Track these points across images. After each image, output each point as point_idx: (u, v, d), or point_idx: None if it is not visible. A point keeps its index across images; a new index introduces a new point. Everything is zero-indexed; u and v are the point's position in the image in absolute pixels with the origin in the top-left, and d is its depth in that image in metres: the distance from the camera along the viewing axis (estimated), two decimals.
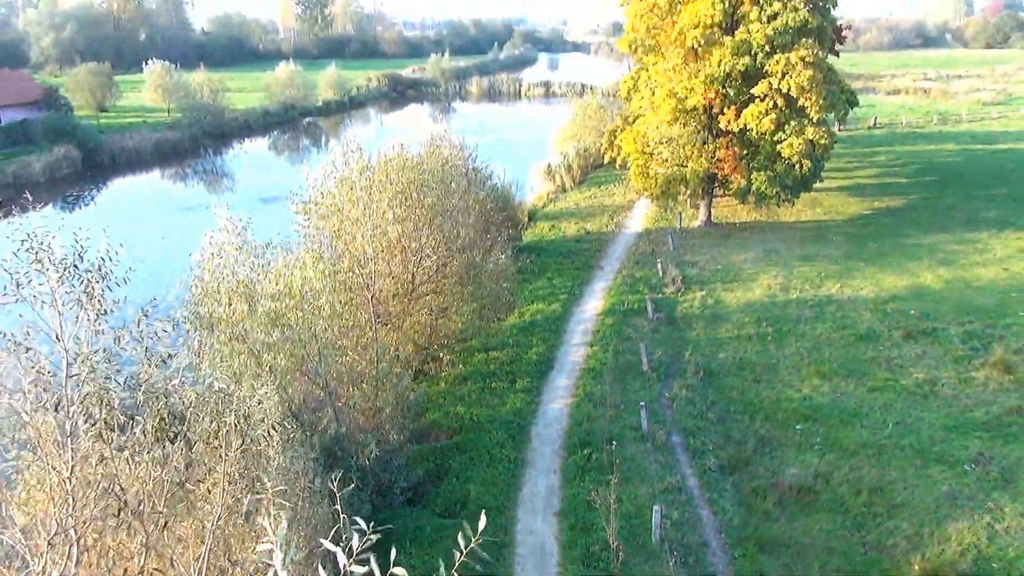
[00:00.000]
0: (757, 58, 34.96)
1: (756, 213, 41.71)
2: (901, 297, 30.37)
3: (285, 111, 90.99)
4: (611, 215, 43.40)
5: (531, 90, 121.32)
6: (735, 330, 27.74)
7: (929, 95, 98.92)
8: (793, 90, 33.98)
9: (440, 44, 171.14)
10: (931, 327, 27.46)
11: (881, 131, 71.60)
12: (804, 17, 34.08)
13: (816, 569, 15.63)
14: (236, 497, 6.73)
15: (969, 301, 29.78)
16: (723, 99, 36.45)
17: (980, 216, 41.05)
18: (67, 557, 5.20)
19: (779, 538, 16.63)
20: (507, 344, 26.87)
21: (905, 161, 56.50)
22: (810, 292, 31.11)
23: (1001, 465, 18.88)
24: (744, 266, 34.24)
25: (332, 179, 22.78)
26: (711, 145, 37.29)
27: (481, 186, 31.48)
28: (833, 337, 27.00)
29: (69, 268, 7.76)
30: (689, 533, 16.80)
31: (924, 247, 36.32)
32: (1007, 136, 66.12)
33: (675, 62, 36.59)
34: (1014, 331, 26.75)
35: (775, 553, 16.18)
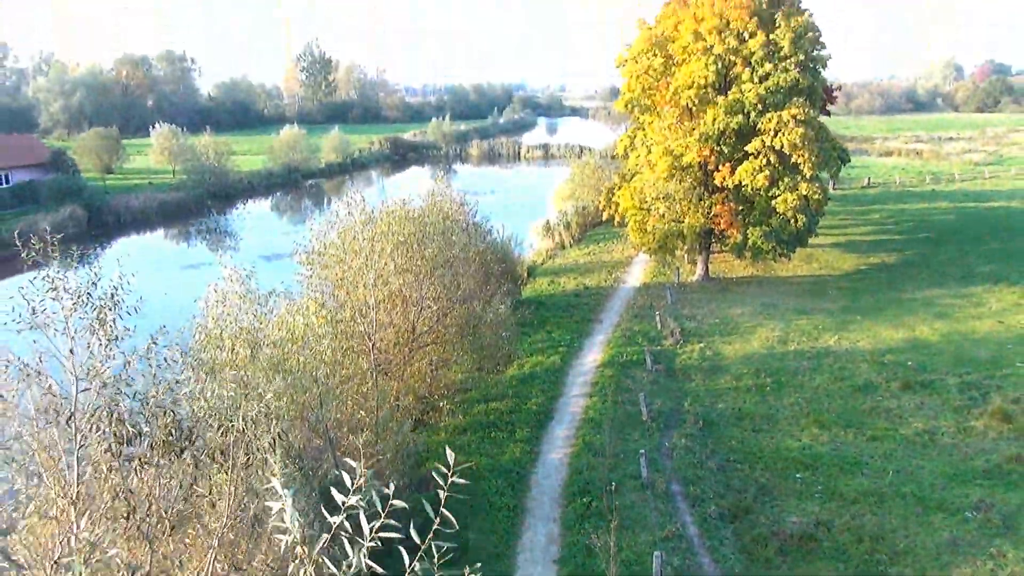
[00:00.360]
0: (750, 116, 35.93)
1: (753, 268, 42.20)
2: (898, 349, 30.56)
3: (288, 173, 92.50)
4: (610, 271, 43.87)
5: (530, 152, 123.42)
6: (734, 381, 27.85)
7: (921, 156, 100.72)
8: (786, 147, 34.83)
9: (441, 109, 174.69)
10: (929, 378, 27.58)
11: (875, 190, 72.80)
12: (794, 77, 35.17)
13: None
14: (241, 507, 6.88)
15: (966, 353, 29.96)
16: (718, 156, 37.32)
17: (975, 271, 41.52)
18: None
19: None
20: (507, 395, 26.95)
21: (899, 219, 57.33)
22: (807, 344, 31.31)
23: (1002, 512, 18.80)
24: (742, 319, 34.51)
25: (335, 230, 23.23)
26: (707, 201, 38.00)
27: (481, 240, 31.95)
28: (831, 388, 27.11)
29: (83, 296, 8.05)
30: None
31: (920, 301, 36.66)
32: (999, 195, 67.18)
33: (670, 121, 37.61)
34: (1012, 381, 26.87)
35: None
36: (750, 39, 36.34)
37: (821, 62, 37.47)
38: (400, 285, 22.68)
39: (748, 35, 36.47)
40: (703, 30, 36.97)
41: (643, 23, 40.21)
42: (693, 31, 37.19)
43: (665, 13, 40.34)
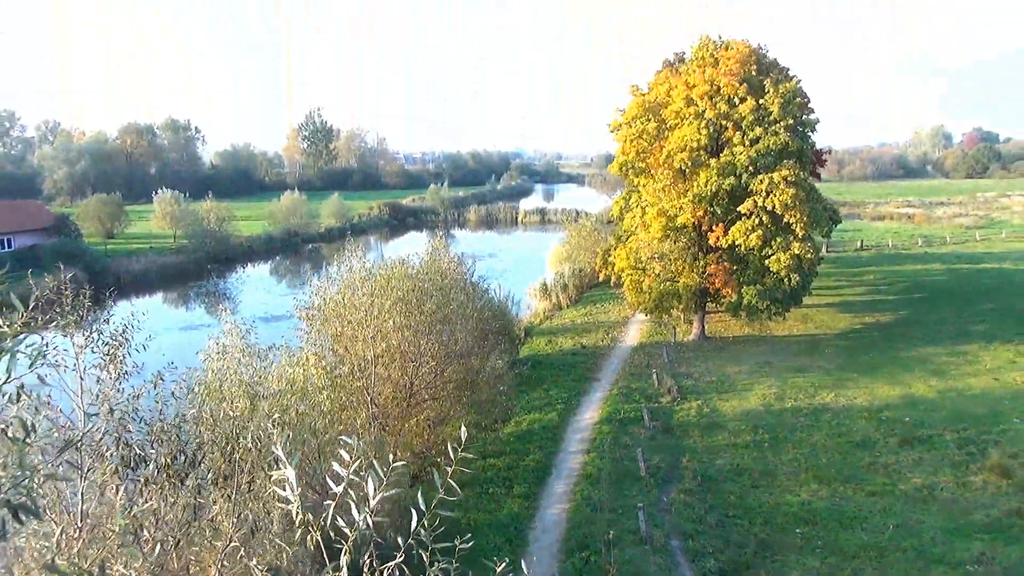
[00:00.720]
0: (742, 178, 36.78)
1: (749, 327, 42.48)
2: (895, 406, 30.62)
3: (288, 237, 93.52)
4: (607, 330, 44.14)
5: (527, 218, 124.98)
6: (732, 438, 27.83)
7: (913, 220, 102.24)
8: (777, 207, 35.56)
9: (439, 176, 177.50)
10: (926, 434, 27.60)
11: (868, 253, 73.64)
12: (784, 140, 36.14)
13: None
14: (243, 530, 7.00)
15: (963, 409, 30.03)
16: (711, 217, 38.05)
17: (969, 329, 41.83)
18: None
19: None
20: (505, 452, 26.90)
21: (893, 280, 57.92)
22: (805, 401, 31.38)
23: (1004, 565, 18.68)
24: (739, 377, 34.64)
25: (335, 286, 23.59)
26: (702, 261, 38.57)
27: (479, 298, 32.27)
28: (829, 444, 27.10)
29: (94, 333, 8.32)
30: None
31: (915, 359, 36.85)
32: (991, 257, 68.02)
33: (664, 183, 38.44)
34: (1009, 436, 26.91)
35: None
36: (740, 104, 37.46)
37: (809, 126, 38.58)
38: (398, 341, 22.90)
39: (738, 100, 37.60)
40: (695, 96, 38.16)
41: (636, 89, 41.50)
42: (685, 97, 38.38)
43: (657, 80, 41.68)
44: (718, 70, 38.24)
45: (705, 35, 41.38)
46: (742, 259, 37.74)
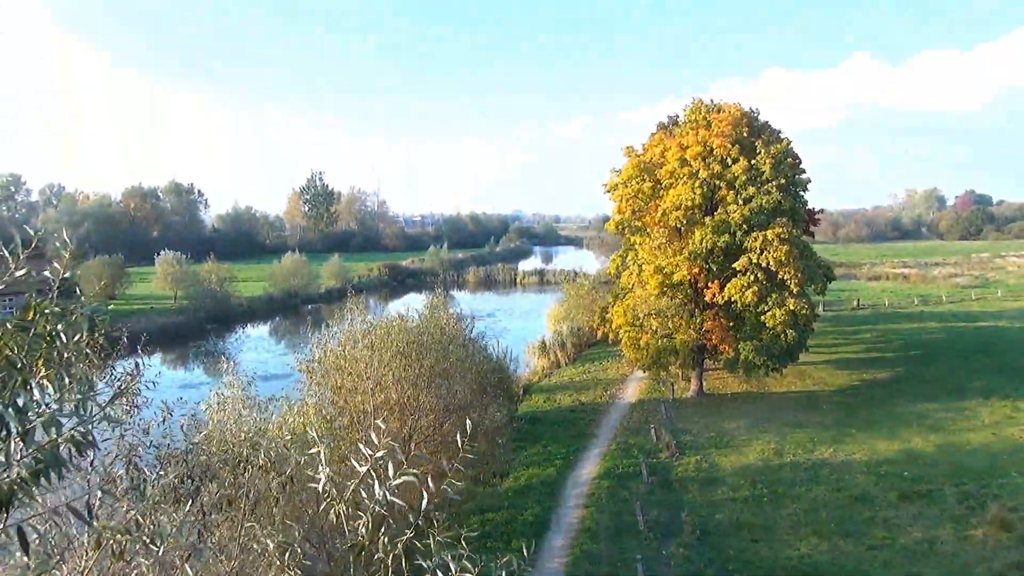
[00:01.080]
0: (736, 236, 37.46)
1: (747, 384, 42.62)
2: (894, 461, 30.60)
3: (288, 298, 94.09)
4: (605, 387, 44.22)
5: (526, 279, 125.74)
6: (731, 492, 27.76)
7: (909, 280, 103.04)
8: (772, 264, 36.13)
9: (439, 238, 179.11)
10: (926, 488, 27.56)
11: (865, 312, 74.09)
12: (776, 199, 36.95)
13: None
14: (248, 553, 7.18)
15: (961, 463, 30.01)
16: (707, 274, 38.60)
17: (966, 386, 41.94)
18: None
19: None
20: (503, 506, 26.78)
21: (889, 338, 58.19)
22: (803, 456, 31.36)
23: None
24: (737, 432, 34.64)
25: (336, 339, 23.90)
26: (698, 317, 38.94)
27: (478, 354, 32.53)
28: (828, 498, 27.04)
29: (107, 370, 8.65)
30: None
31: (913, 415, 36.90)
32: (986, 315, 68.46)
33: (660, 241, 39.11)
34: (1008, 490, 26.87)
35: None
36: (733, 164, 38.38)
37: (801, 185, 39.48)
38: (398, 394, 23.10)
39: (731, 161, 38.53)
40: (688, 156, 39.11)
41: (631, 151, 42.55)
42: (679, 157, 39.34)
43: (652, 142, 42.77)
44: (711, 132, 39.29)
45: (698, 99, 42.66)
46: (738, 315, 38.13)
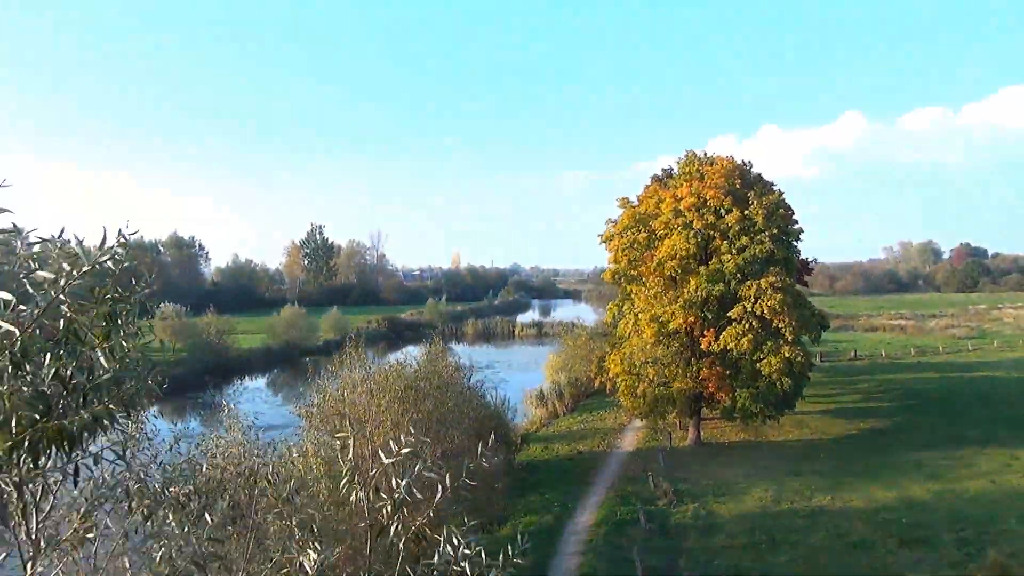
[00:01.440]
0: (730, 284, 37.99)
1: (744, 433, 42.66)
2: (892, 507, 30.56)
3: (287, 349, 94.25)
4: (603, 437, 44.22)
5: (524, 331, 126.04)
6: (729, 539, 27.66)
7: (906, 332, 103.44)
8: (766, 312, 36.58)
9: (438, 292, 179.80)
10: (924, 535, 27.49)
11: (862, 362, 74.32)
12: (769, 248, 37.61)
13: None
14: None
15: (960, 510, 29.98)
16: (702, 322, 39.02)
17: (964, 435, 42.00)
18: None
19: None
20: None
21: (887, 388, 58.34)
22: (801, 504, 31.31)
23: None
24: (735, 480, 34.59)
25: (335, 384, 24.19)
26: (695, 365, 39.21)
27: (476, 400, 32.76)
28: (827, 545, 26.96)
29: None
30: None
31: (911, 463, 36.91)
32: (984, 365, 68.74)
33: (656, 290, 39.65)
34: (1007, 537, 26.84)
35: None
36: (727, 215, 39.14)
37: (793, 235, 40.16)
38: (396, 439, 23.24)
39: (724, 211, 39.30)
40: (682, 207, 39.88)
41: (626, 202, 43.38)
42: (673, 208, 40.11)
43: (647, 193, 43.65)
44: (704, 183, 40.15)
45: (691, 152, 43.67)
46: (734, 363, 38.40)
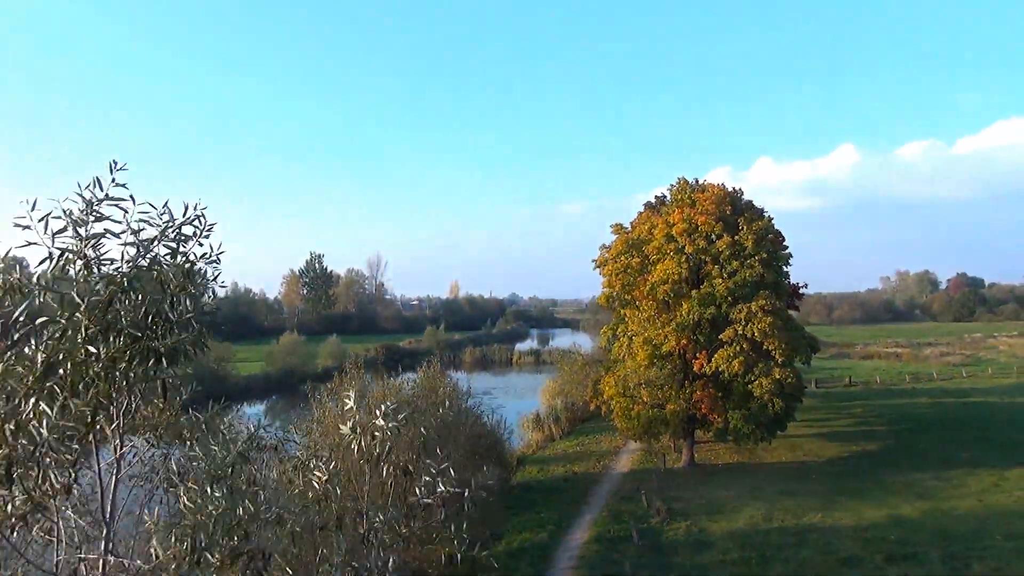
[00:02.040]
0: (721, 308, 38.81)
1: (738, 455, 43.18)
2: (881, 525, 31.06)
3: (285, 376, 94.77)
4: (598, 459, 44.72)
5: (521, 359, 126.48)
6: (720, 555, 28.13)
7: (901, 359, 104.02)
8: (756, 335, 37.35)
9: (436, 320, 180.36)
10: (912, 551, 27.97)
11: (856, 388, 74.87)
12: (759, 272, 38.47)
13: None
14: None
15: (947, 528, 30.49)
16: (694, 345, 39.76)
17: (954, 457, 42.51)
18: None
19: None
20: (495, 569, 27.10)
21: (880, 412, 58.87)
22: (792, 522, 31.79)
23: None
24: (727, 500, 35.07)
25: (334, 402, 24.87)
26: (688, 388, 39.87)
27: (471, 417, 33.38)
28: (816, 561, 27.43)
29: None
30: None
31: (901, 483, 37.41)
32: (977, 391, 69.33)
33: (649, 313, 40.45)
34: (992, 552, 27.34)
35: None
36: (717, 240, 40.09)
37: (783, 260, 41.06)
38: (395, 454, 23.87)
39: (715, 237, 40.26)
40: (674, 233, 40.84)
41: (620, 228, 44.37)
42: (665, 234, 41.07)
43: (640, 219, 44.66)
44: (695, 210, 41.13)
45: (682, 178, 44.72)
46: (726, 385, 39.08)
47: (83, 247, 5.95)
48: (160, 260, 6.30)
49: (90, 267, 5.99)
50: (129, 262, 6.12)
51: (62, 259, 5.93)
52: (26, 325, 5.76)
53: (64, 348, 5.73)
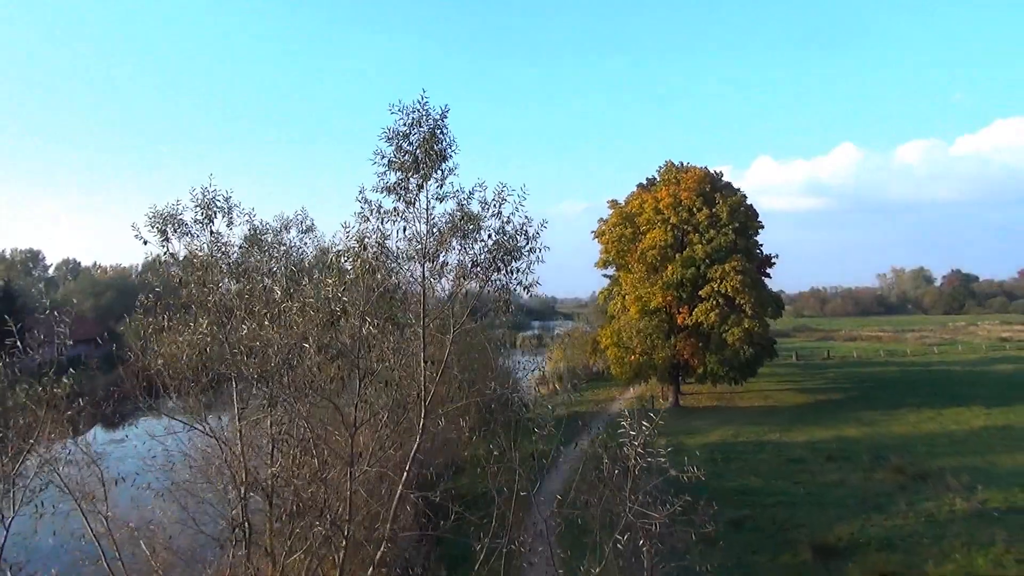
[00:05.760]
0: (700, 269, 45.54)
1: (717, 400, 49.85)
2: (827, 440, 37.91)
3: None
4: (596, 404, 51.38)
5: (524, 342, 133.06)
6: (690, 458, 34.69)
7: (882, 340, 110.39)
8: (730, 291, 44.07)
9: None
10: (848, 455, 34.72)
11: (834, 361, 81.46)
12: (732, 239, 45.21)
13: None
14: None
15: (880, 442, 37.23)
16: (678, 301, 46.47)
17: (904, 403, 49.07)
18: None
19: None
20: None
21: (850, 377, 65.48)
22: (754, 438, 38.63)
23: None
24: (705, 427, 41.82)
25: None
26: (673, 339, 46.54)
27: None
28: (770, 460, 34.26)
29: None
30: None
31: (852, 417, 44.15)
32: (943, 363, 75.83)
33: (639, 275, 47.12)
34: (911, 454, 34.12)
35: None
36: (698, 213, 46.81)
37: (754, 229, 47.79)
38: None
39: (696, 210, 46.97)
40: (662, 207, 47.56)
41: (614, 203, 51.14)
42: (654, 208, 47.82)
43: (632, 196, 51.40)
44: (680, 187, 47.87)
45: (669, 161, 51.51)
46: (705, 335, 45.78)
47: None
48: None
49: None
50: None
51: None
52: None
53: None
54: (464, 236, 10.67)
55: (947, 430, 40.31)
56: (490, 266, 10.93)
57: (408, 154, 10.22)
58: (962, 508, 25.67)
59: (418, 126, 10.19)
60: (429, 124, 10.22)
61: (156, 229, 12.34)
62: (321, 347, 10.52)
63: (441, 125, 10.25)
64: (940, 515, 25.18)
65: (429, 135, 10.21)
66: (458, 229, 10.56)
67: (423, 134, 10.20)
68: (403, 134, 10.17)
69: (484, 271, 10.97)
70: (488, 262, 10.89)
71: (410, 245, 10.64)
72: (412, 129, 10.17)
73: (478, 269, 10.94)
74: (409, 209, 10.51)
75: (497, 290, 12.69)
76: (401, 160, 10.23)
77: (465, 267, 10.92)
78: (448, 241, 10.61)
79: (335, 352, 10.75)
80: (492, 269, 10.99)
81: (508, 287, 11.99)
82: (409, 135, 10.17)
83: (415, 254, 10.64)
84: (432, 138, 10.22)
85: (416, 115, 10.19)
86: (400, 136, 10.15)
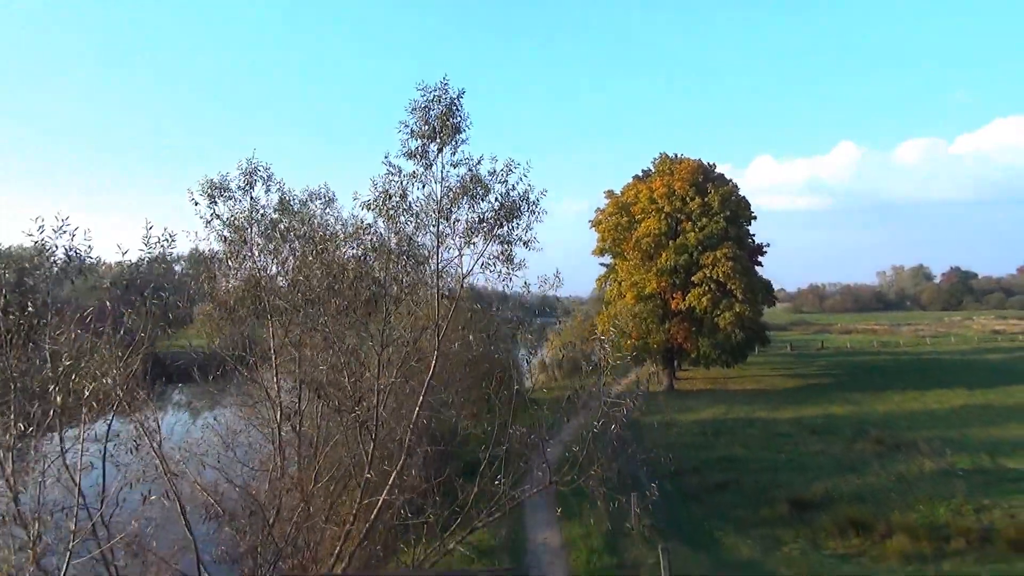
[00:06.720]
0: (693, 255, 47.42)
1: (711, 383, 51.74)
2: (813, 417, 39.82)
3: None
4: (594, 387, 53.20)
5: (523, 336, 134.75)
6: (683, 432, 36.72)
7: (877, 333, 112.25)
8: (721, 277, 45.93)
9: None
10: (832, 430, 36.61)
11: (828, 351, 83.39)
12: (723, 227, 47.08)
13: None
14: None
15: (864, 419, 39.07)
16: (672, 287, 48.34)
17: (890, 385, 50.99)
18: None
19: None
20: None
21: (842, 364, 67.42)
22: (744, 415, 40.48)
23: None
24: (697, 407, 43.70)
25: None
26: (668, 324, 48.41)
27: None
28: (757, 435, 36.10)
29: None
30: None
31: (839, 397, 46.08)
32: (934, 352, 77.76)
33: (635, 261, 49.00)
34: (890, 429, 35.99)
35: None
36: (691, 202, 48.66)
37: (745, 218, 49.66)
38: None
39: (689, 199, 48.83)
40: (656, 196, 49.41)
41: (611, 193, 53.03)
42: (649, 197, 49.66)
43: (628, 187, 53.23)
44: (673, 177, 49.73)
45: (663, 153, 53.37)
46: (698, 320, 47.65)
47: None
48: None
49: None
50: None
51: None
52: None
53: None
54: (473, 197, 12.66)
55: (928, 408, 42.25)
56: (495, 223, 12.89)
57: (428, 124, 12.25)
58: (930, 468, 27.59)
59: (438, 102, 12.26)
60: (446, 101, 12.29)
61: (206, 194, 14.21)
62: (358, 275, 12.53)
63: (457, 104, 12.35)
64: (909, 474, 27.07)
65: (447, 109, 12.28)
66: (468, 190, 12.55)
67: (442, 108, 12.25)
68: (425, 107, 12.24)
69: (490, 227, 12.90)
70: (493, 220, 12.85)
71: (427, 204, 12.66)
72: (433, 104, 12.24)
73: (484, 225, 12.89)
74: (427, 172, 12.55)
75: (497, 256, 14.22)
76: (422, 129, 12.28)
77: (473, 223, 12.87)
78: (459, 199, 12.59)
79: (370, 280, 12.73)
80: (497, 226, 12.94)
81: (511, 248, 13.73)
82: (430, 108, 12.22)
83: (431, 211, 12.63)
84: (449, 112, 12.30)
85: (437, 92, 12.27)
86: (423, 108, 12.21)
